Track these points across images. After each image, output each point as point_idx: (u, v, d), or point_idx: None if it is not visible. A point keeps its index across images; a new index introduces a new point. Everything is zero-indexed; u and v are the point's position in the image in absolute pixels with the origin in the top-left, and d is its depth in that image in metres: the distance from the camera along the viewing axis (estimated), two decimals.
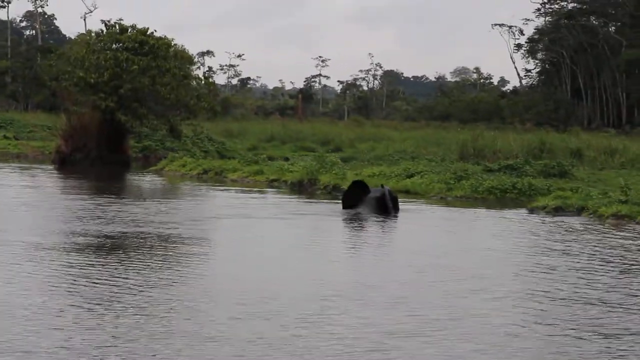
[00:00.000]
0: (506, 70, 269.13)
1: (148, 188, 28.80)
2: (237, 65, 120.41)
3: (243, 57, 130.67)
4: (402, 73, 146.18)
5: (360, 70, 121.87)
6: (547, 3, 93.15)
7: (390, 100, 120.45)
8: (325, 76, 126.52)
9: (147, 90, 36.21)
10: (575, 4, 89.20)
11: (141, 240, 15.20)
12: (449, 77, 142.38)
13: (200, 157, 35.79)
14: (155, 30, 37.22)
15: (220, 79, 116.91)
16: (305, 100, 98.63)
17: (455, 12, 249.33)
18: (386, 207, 20.21)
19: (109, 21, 37.28)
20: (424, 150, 39.78)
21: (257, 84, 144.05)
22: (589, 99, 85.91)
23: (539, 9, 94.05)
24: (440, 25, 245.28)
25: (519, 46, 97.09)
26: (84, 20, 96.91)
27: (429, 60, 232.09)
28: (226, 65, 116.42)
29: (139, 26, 37.65)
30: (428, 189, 25.71)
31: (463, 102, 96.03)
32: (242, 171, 31.34)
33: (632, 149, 33.94)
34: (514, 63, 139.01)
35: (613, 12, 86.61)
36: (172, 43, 37.39)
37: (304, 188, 27.54)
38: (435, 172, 28.76)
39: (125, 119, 35.76)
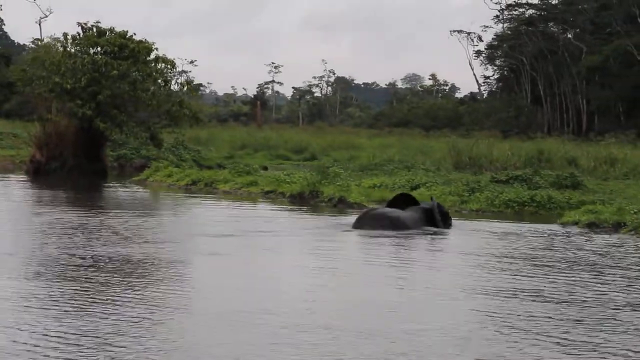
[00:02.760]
0: (462, 77, 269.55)
1: (138, 201, 27.07)
2: (190, 72, 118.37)
3: (195, 63, 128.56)
4: (354, 80, 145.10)
5: (314, 77, 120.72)
6: (505, 9, 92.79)
7: (344, 106, 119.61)
8: (278, 82, 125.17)
9: (127, 96, 34.36)
10: (535, 11, 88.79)
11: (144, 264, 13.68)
12: (400, 84, 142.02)
13: (187, 167, 34.03)
14: (135, 34, 35.43)
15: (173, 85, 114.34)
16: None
17: (408, 20, 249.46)
18: (434, 220, 19.26)
19: (85, 24, 35.29)
20: (411, 158, 38.47)
21: (207, 91, 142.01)
22: (549, 106, 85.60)
23: (497, 16, 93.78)
24: (393, 32, 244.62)
25: (478, 53, 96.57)
26: (39, 25, 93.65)
27: (380, 67, 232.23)
28: (178, 71, 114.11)
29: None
30: (440, 202, 24.37)
31: (422, 109, 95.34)
32: (235, 182, 29.70)
33: (632, 158, 33.00)
34: (472, 70, 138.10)
35: (572, 19, 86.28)
36: (153, 47, 35.58)
37: (305, 200, 25.98)
38: (440, 183, 27.61)
39: (104, 126, 33.88)
